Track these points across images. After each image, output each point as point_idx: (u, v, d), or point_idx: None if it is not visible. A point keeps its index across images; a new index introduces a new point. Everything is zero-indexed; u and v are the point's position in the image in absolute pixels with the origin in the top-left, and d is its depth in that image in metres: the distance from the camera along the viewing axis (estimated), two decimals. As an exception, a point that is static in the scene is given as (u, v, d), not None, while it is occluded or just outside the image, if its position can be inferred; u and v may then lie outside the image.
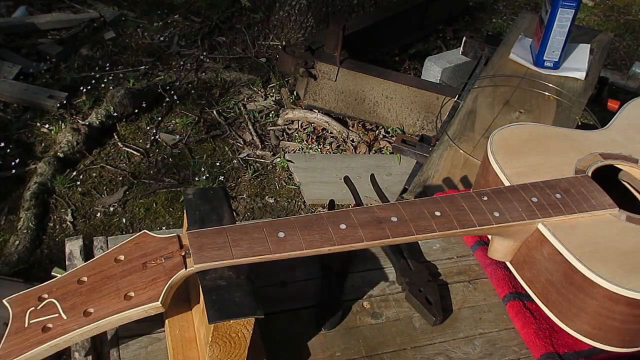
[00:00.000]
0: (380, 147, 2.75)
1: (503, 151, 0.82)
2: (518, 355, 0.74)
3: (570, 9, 1.65)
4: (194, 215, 0.68)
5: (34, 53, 3.00)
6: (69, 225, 2.26)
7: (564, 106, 1.64)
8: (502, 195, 0.74)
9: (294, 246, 0.64)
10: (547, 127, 0.90)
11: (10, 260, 2.10)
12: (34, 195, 2.29)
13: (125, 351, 0.68)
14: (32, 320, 0.58)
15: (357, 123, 2.88)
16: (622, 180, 0.88)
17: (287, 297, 0.77)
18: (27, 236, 2.17)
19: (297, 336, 0.73)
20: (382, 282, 0.81)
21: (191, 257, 0.61)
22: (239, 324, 0.59)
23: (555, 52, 1.73)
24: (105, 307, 0.58)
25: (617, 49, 3.58)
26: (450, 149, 1.45)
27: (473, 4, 4.03)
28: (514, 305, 0.77)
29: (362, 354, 0.72)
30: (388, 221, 0.68)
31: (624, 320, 0.68)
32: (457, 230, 0.70)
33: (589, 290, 0.68)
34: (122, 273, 0.60)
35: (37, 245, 2.18)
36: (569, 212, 0.74)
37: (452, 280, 0.82)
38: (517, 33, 1.94)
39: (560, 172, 0.80)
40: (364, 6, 3.55)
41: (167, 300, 0.59)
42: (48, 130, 2.59)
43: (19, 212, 2.25)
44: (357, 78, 2.77)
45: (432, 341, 0.74)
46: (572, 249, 0.69)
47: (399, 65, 3.31)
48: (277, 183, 2.51)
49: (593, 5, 4.09)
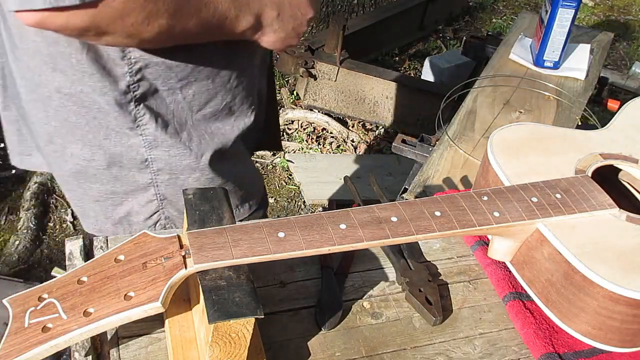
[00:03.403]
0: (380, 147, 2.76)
1: (503, 151, 0.82)
2: (518, 355, 0.74)
3: (570, 9, 1.65)
4: (193, 215, 0.68)
5: (34, 53, 3.00)
6: (69, 225, 2.27)
7: (564, 106, 1.64)
8: (502, 195, 0.74)
9: (294, 246, 0.64)
10: (547, 127, 0.90)
11: (10, 260, 2.10)
12: (34, 195, 2.29)
13: (125, 351, 0.68)
14: (32, 320, 0.58)
15: (357, 123, 2.89)
16: (622, 180, 0.88)
17: (287, 297, 0.77)
18: (27, 236, 2.17)
19: (297, 336, 0.73)
20: (382, 282, 0.81)
21: (191, 257, 0.61)
22: (239, 324, 0.59)
23: (555, 52, 1.73)
24: (105, 307, 0.58)
25: (617, 49, 3.58)
26: (450, 149, 1.45)
27: (473, 4, 4.03)
28: (514, 305, 0.77)
29: (362, 354, 0.72)
30: (388, 221, 0.68)
31: (624, 320, 0.69)
32: (457, 230, 0.70)
33: (589, 290, 0.68)
34: (122, 273, 0.60)
35: (37, 245, 2.19)
36: (569, 212, 0.74)
37: (452, 280, 0.83)
38: (517, 33, 1.94)
39: (560, 172, 0.80)
40: (364, 6, 3.55)
41: (167, 300, 0.60)
42: (48, 130, 2.59)
43: (19, 212, 2.25)
44: (357, 78, 2.77)
45: (432, 341, 0.74)
46: (572, 249, 0.69)
47: (399, 65, 3.31)
48: (277, 183, 2.51)
49: (593, 5, 4.09)
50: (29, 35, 0.84)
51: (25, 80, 0.91)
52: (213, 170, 1.01)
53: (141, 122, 0.92)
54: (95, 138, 0.93)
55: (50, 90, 0.89)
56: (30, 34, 0.84)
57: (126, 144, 0.94)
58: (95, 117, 0.91)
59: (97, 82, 0.87)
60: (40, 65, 0.87)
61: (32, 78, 0.89)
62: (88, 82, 0.87)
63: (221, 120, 1.00)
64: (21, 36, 0.85)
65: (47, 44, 0.84)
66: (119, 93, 0.89)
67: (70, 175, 0.99)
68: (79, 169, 0.97)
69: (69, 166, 0.97)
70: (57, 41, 0.83)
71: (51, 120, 0.93)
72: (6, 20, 0.87)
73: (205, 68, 0.93)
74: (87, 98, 0.89)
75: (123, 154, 0.95)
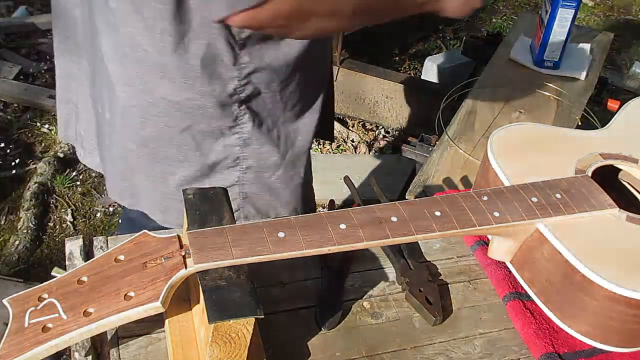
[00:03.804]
0: (380, 147, 2.75)
1: (503, 151, 0.82)
2: (518, 355, 0.74)
3: (570, 9, 1.65)
4: (193, 215, 0.68)
5: (34, 53, 3.00)
6: (69, 225, 2.27)
7: (564, 106, 1.64)
8: (502, 195, 0.74)
9: (294, 246, 0.64)
10: (547, 127, 0.90)
11: (10, 260, 2.10)
12: (34, 195, 2.29)
13: (125, 351, 0.68)
14: (32, 320, 0.58)
15: (357, 123, 2.88)
16: (622, 180, 0.88)
17: (287, 297, 0.77)
18: (27, 236, 2.17)
19: (297, 336, 0.73)
20: (382, 282, 0.81)
21: (191, 257, 0.61)
22: (239, 324, 0.59)
23: (555, 52, 1.73)
24: (105, 307, 0.58)
25: (617, 49, 3.58)
26: (450, 149, 1.46)
27: (473, 4, 4.01)
28: (514, 305, 0.77)
29: (362, 354, 0.72)
30: (388, 221, 0.68)
31: (624, 320, 0.69)
32: (457, 230, 0.70)
33: (589, 290, 0.68)
34: (122, 273, 0.60)
35: (37, 245, 2.18)
36: (569, 212, 0.74)
37: (452, 280, 0.83)
38: (517, 33, 1.95)
39: (560, 172, 0.80)
40: (364, 6, 3.53)
41: (167, 300, 0.60)
42: (48, 130, 2.59)
43: (19, 212, 2.25)
44: (357, 78, 2.76)
45: (432, 341, 0.74)
46: (572, 249, 0.69)
47: (399, 65, 3.31)
48: (277, 183, 2.50)
49: (593, 5, 4.09)
50: (141, 44, 0.86)
51: (129, 86, 0.92)
52: (293, 167, 1.04)
53: (241, 121, 0.95)
54: (193, 140, 0.95)
55: (155, 97, 0.91)
56: (143, 44, 0.86)
57: (222, 143, 0.96)
58: (197, 121, 0.93)
59: (205, 87, 0.89)
60: (148, 73, 0.89)
61: (137, 85, 0.91)
62: (197, 89, 0.89)
63: (304, 117, 1.03)
64: (132, 45, 0.87)
65: (160, 54, 0.86)
66: (226, 96, 0.91)
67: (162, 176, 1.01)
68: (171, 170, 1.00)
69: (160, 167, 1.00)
70: (174, 50, 0.85)
71: (148, 126, 0.95)
72: (117, 29, 0.87)
73: (303, 67, 0.95)
74: (192, 104, 0.91)
75: (218, 154, 0.97)
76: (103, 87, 0.97)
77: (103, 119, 1.01)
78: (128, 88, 0.93)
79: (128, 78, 0.92)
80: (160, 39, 0.84)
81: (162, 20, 0.81)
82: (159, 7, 0.80)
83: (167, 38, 0.83)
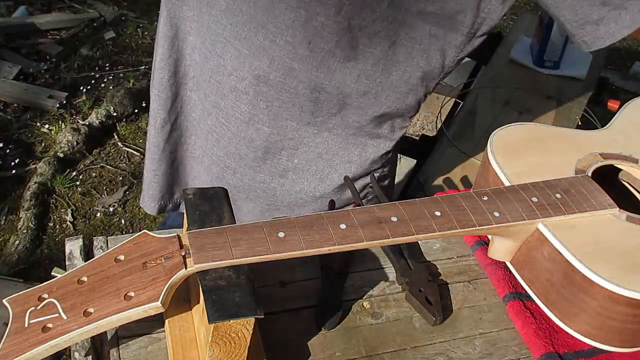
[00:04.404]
0: (380, 147, 2.75)
1: (503, 151, 0.82)
2: (518, 355, 0.74)
3: (570, 9, 1.64)
4: (193, 215, 0.68)
5: (34, 53, 3.00)
6: (69, 225, 2.27)
7: (564, 106, 1.64)
8: (502, 195, 0.74)
9: (294, 246, 0.64)
10: (547, 127, 0.90)
11: (10, 260, 2.10)
12: (34, 195, 2.29)
13: (125, 351, 0.68)
14: (32, 320, 0.58)
15: (357, 123, 2.88)
16: (622, 180, 0.88)
17: (287, 297, 0.77)
18: (27, 236, 2.17)
19: (297, 336, 0.73)
20: (382, 282, 0.81)
21: (191, 257, 0.61)
22: (239, 323, 0.59)
23: (555, 52, 1.73)
24: (105, 307, 0.58)
25: (617, 49, 3.58)
26: (450, 149, 1.45)
27: (473, 4, 4.01)
28: (514, 305, 0.77)
29: (362, 354, 0.72)
30: (388, 221, 0.68)
31: (624, 320, 0.69)
32: (457, 230, 0.70)
33: (589, 290, 0.68)
34: (122, 273, 0.60)
35: (37, 245, 2.19)
36: (569, 212, 0.74)
37: (452, 280, 0.83)
38: (517, 33, 1.94)
39: (560, 172, 0.80)
40: (364, 6, 3.54)
41: (167, 300, 0.60)
42: (48, 130, 2.59)
43: (19, 212, 2.25)
44: (357, 78, 2.76)
45: (432, 341, 0.74)
46: (572, 249, 0.69)
47: (399, 65, 3.30)
48: (277, 183, 2.50)
49: (593, 5, 4.07)
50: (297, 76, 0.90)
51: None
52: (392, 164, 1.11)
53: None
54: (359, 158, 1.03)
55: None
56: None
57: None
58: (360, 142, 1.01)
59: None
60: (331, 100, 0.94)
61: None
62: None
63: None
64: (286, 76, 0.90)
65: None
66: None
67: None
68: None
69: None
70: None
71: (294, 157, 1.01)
72: (274, 62, 0.90)
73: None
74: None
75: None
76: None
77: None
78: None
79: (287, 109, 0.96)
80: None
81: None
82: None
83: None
